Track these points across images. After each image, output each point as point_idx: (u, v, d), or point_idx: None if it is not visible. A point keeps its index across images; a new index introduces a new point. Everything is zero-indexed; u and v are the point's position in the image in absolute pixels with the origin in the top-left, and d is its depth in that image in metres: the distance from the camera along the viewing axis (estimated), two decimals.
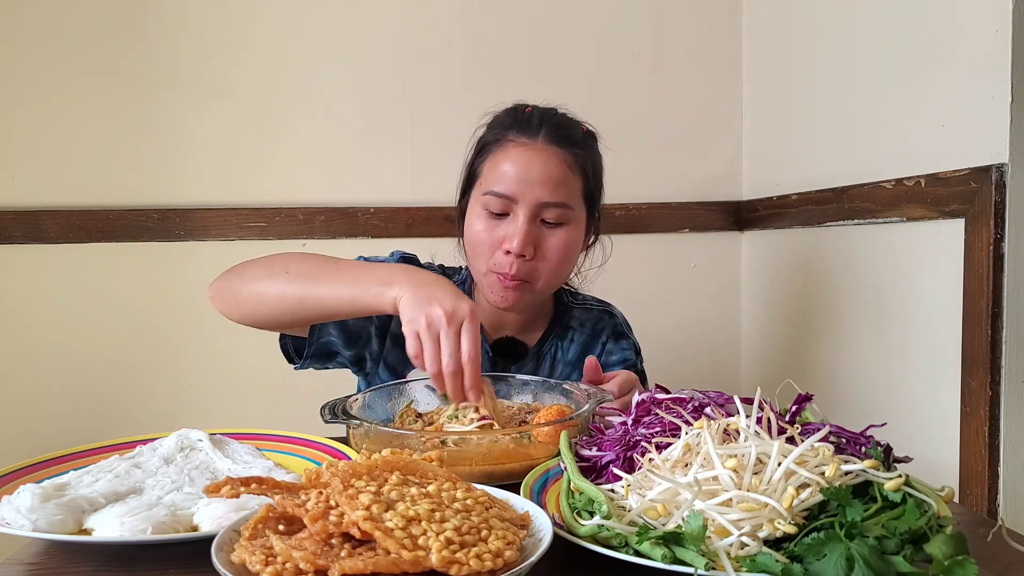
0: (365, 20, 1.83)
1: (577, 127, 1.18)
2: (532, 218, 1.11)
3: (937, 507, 0.61)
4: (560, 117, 1.18)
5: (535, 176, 1.10)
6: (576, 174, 1.14)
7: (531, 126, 1.14)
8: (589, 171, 1.17)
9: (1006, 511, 1.20)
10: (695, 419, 0.74)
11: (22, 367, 1.75)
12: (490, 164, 1.14)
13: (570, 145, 1.14)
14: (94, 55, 1.75)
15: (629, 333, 1.34)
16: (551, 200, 1.10)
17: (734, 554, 0.57)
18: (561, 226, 1.13)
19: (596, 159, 1.21)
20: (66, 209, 1.74)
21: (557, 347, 1.27)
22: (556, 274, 1.15)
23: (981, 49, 1.20)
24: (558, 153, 1.12)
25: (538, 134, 1.13)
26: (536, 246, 1.12)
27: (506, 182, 1.11)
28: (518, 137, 1.13)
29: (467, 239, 1.17)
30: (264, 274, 1.03)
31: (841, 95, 1.59)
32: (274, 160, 1.82)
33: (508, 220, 1.12)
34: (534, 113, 1.16)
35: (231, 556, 0.54)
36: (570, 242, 1.14)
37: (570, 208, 1.13)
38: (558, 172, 1.11)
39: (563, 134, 1.14)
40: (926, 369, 1.36)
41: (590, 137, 1.20)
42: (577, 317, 1.30)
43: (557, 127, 1.14)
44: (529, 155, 1.11)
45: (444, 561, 0.51)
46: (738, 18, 1.96)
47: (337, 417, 0.88)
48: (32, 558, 0.68)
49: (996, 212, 1.18)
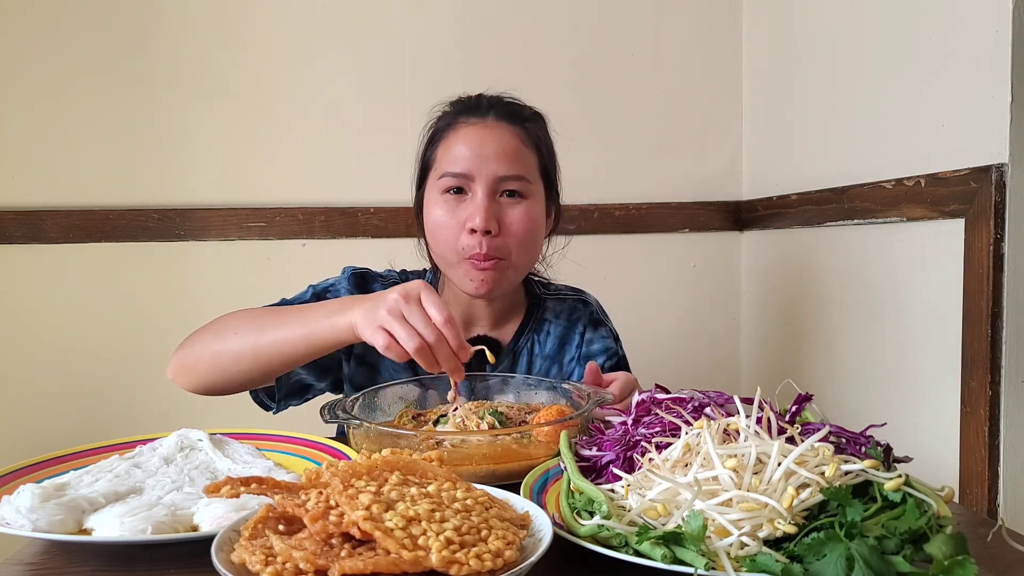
0: (365, 20, 1.84)
1: (526, 107, 1.20)
2: (491, 194, 1.10)
3: (937, 507, 0.61)
4: (508, 98, 1.20)
5: (489, 151, 1.10)
6: (530, 148, 1.15)
7: (480, 107, 1.16)
8: (543, 147, 1.18)
9: (1006, 511, 1.20)
10: (695, 419, 0.74)
11: (22, 367, 1.75)
12: (443, 148, 1.15)
13: (520, 121, 1.15)
14: (94, 55, 1.75)
15: (606, 319, 1.32)
16: (508, 173, 1.11)
17: (734, 554, 0.57)
18: (522, 199, 1.12)
19: (547, 138, 1.21)
20: (66, 209, 1.74)
21: (533, 341, 1.25)
22: (526, 249, 1.14)
23: (981, 49, 1.20)
24: (509, 128, 1.13)
25: (488, 113, 1.14)
26: (499, 221, 1.10)
27: (461, 160, 1.11)
28: (468, 119, 1.14)
29: (428, 229, 1.16)
30: (214, 340, 1.02)
31: (841, 95, 1.59)
32: (274, 160, 1.82)
33: (467, 200, 1.11)
34: (482, 97, 1.18)
35: (231, 556, 0.54)
36: (532, 215, 1.13)
37: (528, 181, 1.13)
38: (512, 145, 1.12)
39: (512, 111, 1.16)
40: (926, 369, 1.36)
41: (540, 117, 1.21)
42: (551, 308, 1.28)
43: (506, 106, 1.17)
44: (481, 132, 1.12)
45: (444, 561, 0.51)
46: (738, 18, 1.96)
47: (337, 417, 0.88)
48: (32, 558, 0.68)
49: (996, 212, 1.18)
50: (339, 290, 1.19)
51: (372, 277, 1.23)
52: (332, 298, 1.15)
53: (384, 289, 1.11)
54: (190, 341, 1.06)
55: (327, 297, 1.17)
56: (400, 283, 1.14)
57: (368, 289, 1.20)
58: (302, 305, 1.04)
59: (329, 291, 1.19)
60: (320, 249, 1.83)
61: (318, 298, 1.17)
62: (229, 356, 1.01)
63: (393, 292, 0.89)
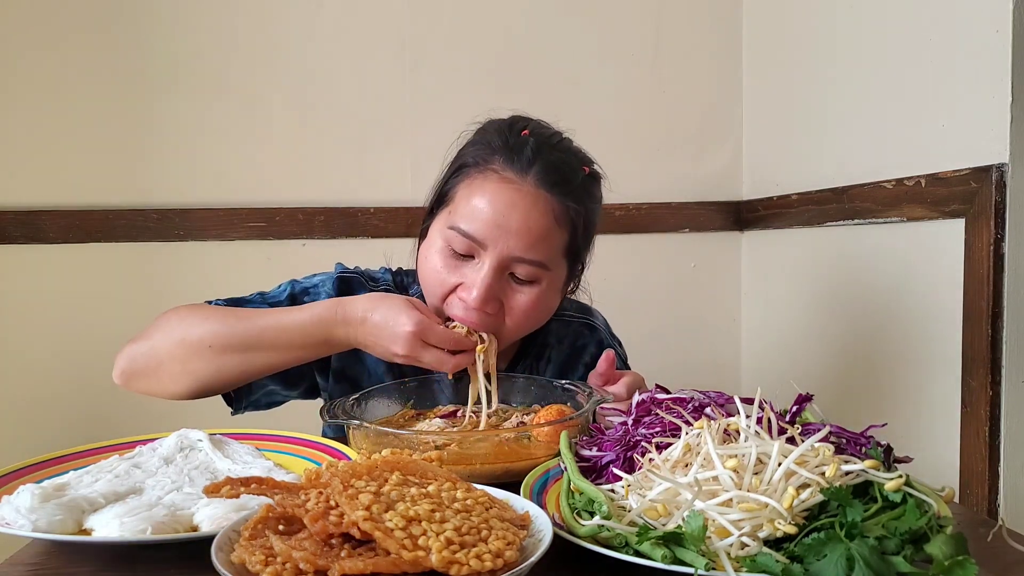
0: (365, 20, 1.83)
1: (578, 169, 1.01)
2: (499, 270, 0.96)
3: (937, 507, 0.61)
4: (559, 153, 1.00)
5: (513, 224, 0.94)
6: (563, 227, 0.98)
7: (522, 158, 0.96)
8: (579, 224, 1.00)
9: (1006, 511, 1.20)
10: (695, 419, 0.74)
11: (22, 367, 1.75)
12: (465, 191, 0.98)
13: (563, 193, 0.97)
14: (94, 55, 1.75)
15: (615, 344, 1.22)
16: (525, 256, 0.95)
17: (734, 554, 0.57)
18: (532, 285, 0.98)
19: (592, 209, 1.04)
20: (66, 209, 1.74)
21: (532, 369, 1.16)
22: (519, 333, 1.03)
23: (981, 49, 1.20)
24: (547, 200, 0.96)
25: (528, 171, 0.96)
26: (501, 301, 0.98)
27: (477, 222, 0.95)
28: (504, 169, 0.96)
29: (422, 263, 1.03)
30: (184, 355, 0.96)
31: (841, 95, 1.59)
32: (274, 160, 1.82)
33: (471, 265, 0.97)
34: (529, 141, 0.98)
35: (231, 556, 0.54)
36: (541, 302, 1.00)
37: (546, 268, 0.97)
38: (541, 224, 0.95)
39: (558, 178, 0.97)
40: (926, 369, 1.36)
41: (591, 181, 1.04)
42: (554, 332, 1.16)
43: (553, 167, 0.97)
44: (512, 196, 0.94)
45: (444, 561, 0.51)
46: (738, 18, 1.96)
47: (337, 417, 0.88)
48: (32, 558, 0.68)
49: (996, 212, 1.18)
50: (320, 294, 1.10)
51: (359, 285, 1.13)
52: (311, 299, 1.07)
53: None
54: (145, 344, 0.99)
55: (306, 299, 1.08)
56: (393, 287, 1.14)
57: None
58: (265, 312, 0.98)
59: (310, 293, 1.10)
60: (320, 249, 1.83)
61: (293, 299, 1.08)
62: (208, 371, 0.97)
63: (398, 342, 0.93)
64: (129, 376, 0.99)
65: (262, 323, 0.97)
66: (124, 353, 1.00)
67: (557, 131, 1.06)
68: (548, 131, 1.04)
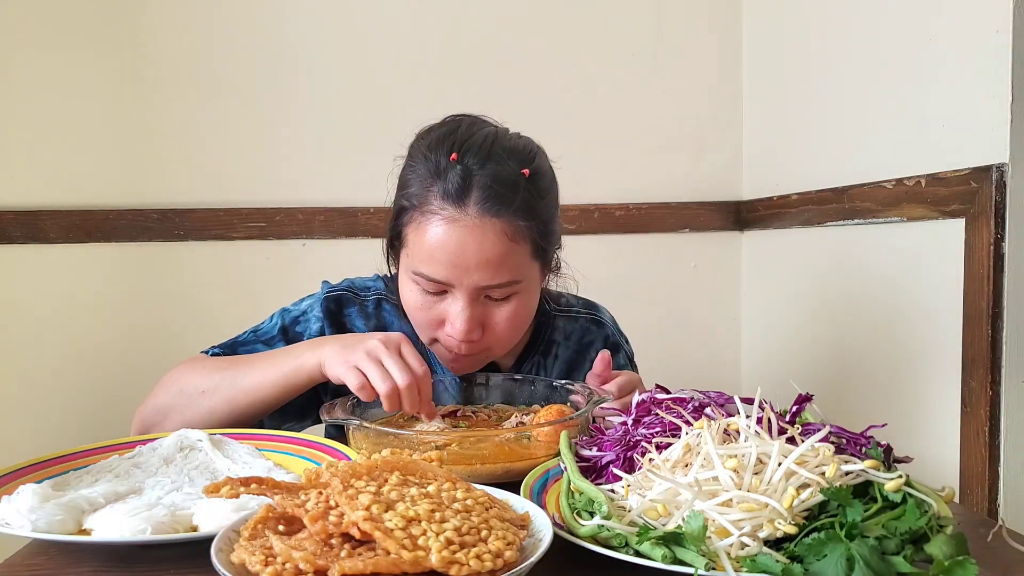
0: (365, 19, 1.83)
1: (517, 180, 0.96)
2: (474, 300, 0.97)
3: (937, 507, 0.61)
4: (493, 166, 0.95)
5: (471, 260, 0.94)
6: (520, 242, 0.96)
7: (457, 188, 0.93)
8: (536, 229, 0.98)
9: (1006, 511, 1.20)
10: (695, 419, 0.74)
11: (22, 367, 1.75)
12: (414, 234, 0.97)
13: (510, 213, 0.94)
14: (94, 55, 1.75)
15: (622, 341, 1.23)
16: (493, 282, 0.96)
17: (734, 554, 0.57)
18: (510, 299, 1.00)
19: (544, 205, 1.00)
20: (66, 209, 1.74)
21: (539, 365, 1.17)
22: (511, 341, 1.05)
23: (981, 49, 1.20)
24: (494, 226, 0.93)
25: (467, 202, 0.93)
26: (484, 324, 1.00)
27: (436, 265, 0.95)
28: (443, 207, 0.94)
29: (404, 304, 1.04)
30: (180, 401, 0.99)
31: (841, 95, 1.59)
32: (274, 160, 1.82)
33: (447, 299, 0.99)
34: (458, 168, 0.94)
35: (231, 556, 0.54)
36: (522, 311, 1.02)
37: (517, 282, 0.98)
38: (497, 251, 0.94)
39: (499, 199, 0.94)
40: (926, 369, 1.36)
41: (535, 180, 0.98)
42: (561, 328, 1.18)
43: (490, 190, 0.93)
44: (459, 235, 0.93)
45: (444, 561, 0.51)
46: (738, 18, 1.96)
47: (337, 417, 0.88)
48: (32, 558, 0.68)
49: (996, 212, 1.18)
50: (310, 319, 1.11)
51: (348, 301, 1.13)
52: (302, 330, 1.11)
53: (361, 318, 1.13)
54: (151, 402, 1.02)
55: (295, 330, 1.11)
56: (387, 296, 1.14)
57: (342, 315, 1.13)
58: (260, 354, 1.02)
59: (300, 321, 1.12)
60: (320, 249, 1.83)
61: (284, 331, 1.10)
62: (200, 415, 0.98)
63: (374, 338, 0.91)
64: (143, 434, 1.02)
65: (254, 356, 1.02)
66: (136, 416, 1.04)
67: (489, 131, 1.01)
68: (477, 140, 0.98)
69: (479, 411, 1.03)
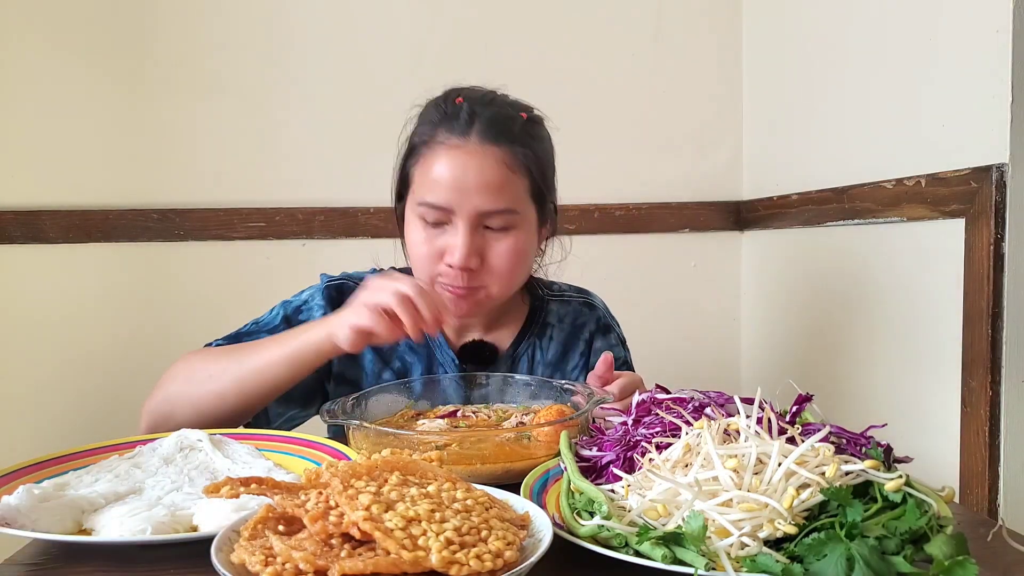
0: (365, 19, 1.83)
1: (516, 116, 1.06)
2: (474, 227, 1.02)
3: (937, 507, 0.61)
4: (495, 107, 1.05)
5: (471, 183, 1.00)
6: (519, 173, 1.03)
7: (461, 122, 1.02)
8: (533, 166, 1.05)
9: (1006, 511, 1.19)
10: (695, 419, 0.74)
11: (22, 367, 1.75)
12: (421, 169, 1.05)
13: (508, 141, 1.02)
14: (94, 55, 1.75)
15: (613, 324, 1.27)
16: (492, 208, 1.01)
17: (734, 554, 0.57)
18: (508, 231, 1.04)
19: (542, 149, 1.09)
20: (66, 209, 1.74)
21: (535, 347, 1.20)
22: (509, 280, 1.08)
23: (981, 49, 1.20)
24: (495, 153, 1.01)
25: (470, 132, 1.01)
26: (482, 255, 1.03)
27: (439, 191, 1.01)
28: (448, 138, 1.02)
29: (407, 248, 1.10)
30: (188, 387, 1.00)
31: (841, 95, 1.59)
32: (274, 160, 1.82)
33: (448, 230, 1.03)
34: (464, 106, 1.04)
35: (231, 556, 0.54)
36: (520, 247, 1.05)
37: (515, 212, 1.03)
38: (497, 176, 1.01)
39: (499, 129, 1.02)
40: (926, 369, 1.36)
41: (532, 124, 1.08)
42: (555, 311, 1.23)
43: (491, 122, 1.02)
44: (462, 159, 1.01)
45: (444, 561, 0.51)
46: (738, 18, 1.96)
47: (337, 417, 0.88)
48: (32, 558, 0.68)
49: (996, 212, 1.17)
50: (312, 307, 1.14)
51: (348, 289, 1.16)
52: (305, 318, 1.12)
53: None
54: (159, 394, 1.02)
55: (299, 319, 1.13)
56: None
57: (343, 301, 1.10)
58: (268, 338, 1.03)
59: (302, 309, 1.14)
60: (320, 249, 1.83)
61: (287, 320, 1.12)
62: (210, 399, 0.98)
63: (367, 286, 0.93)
64: (152, 429, 1.01)
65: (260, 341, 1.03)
66: (144, 411, 1.03)
67: (491, 90, 1.11)
68: (481, 91, 1.09)
69: (479, 411, 1.03)
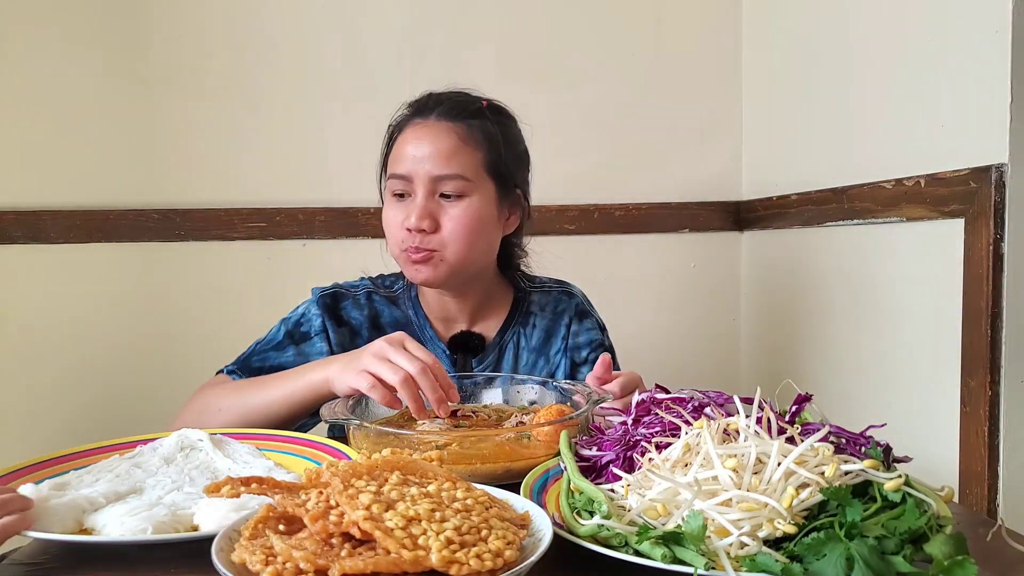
0: (366, 19, 1.83)
1: (475, 101, 1.19)
2: (429, 194, 1.12)
3: (937, 507, 0.61)
4: (459, 95, 1.19)
5: (425, 151, 1.12)
6: (471, 145, 1.14)
7: (427, 107, 1.16)
8: (490, 141, 1.16)
9: (1006, 511, 1.20)
10: (695, 419, 0.74)
11: (22, 367, 1.75)
12: (395, 149, 1.18)
13: (464, 118, 1.15)
14: (95, 55, 1.75)
15: (591, 310, 1.33)
16: (443, 172, 1.11)
17: (734, 554, 0.57)
18: (461, 198, 1.12)
19: (498, 131, 1.18)
20: (66, 209, 1.74)
21: (519, 335, 1.26)
22: (465, 246, 1.13)
23: (981, 49, 1.20)
24: (449, 127, 1.13)
25: (432, 112, 1.15)
26: (435, 219, 1.12)
27: (404, 162, 1.13)
28: (415, 119, 1.16)
29: (384, 219, 1.19)
30: (203, 421, 1.04)
31: (841, 95, 1.59)
32: (274, 160, 1.82)
33: (410, 200, 1.13)
34: (431, 95, 1.19)
35: (231, 556, 0.54)
36: (472, 214, 1.13)
37: (466, 179, 1.12)
38: (448, 144, 1.12)
39: (457, 109, 1.15)
40: (926, 369, 1.36)
41: (491, 110, 1.19)
42: (536, 301, 1.30)
43: (452, 104, 1.16)
44: (422, 133, 1.14)
45: (444, 561, 0.51)
46: (738, 18, 1.96)
47: (337, 417, 0.88)
48: (32, 558, 0.68)
49: (996, 212, 1.18)
50: (311, 318, 1.19)
51: (342, 296, 1.23)
52: (307, 330, 1.19)
53: (355, 309, 1.21)
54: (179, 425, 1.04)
55: (300, 331, 1.19)
56: (375, 289, 1.24)
57: (338, 308, 1.21)
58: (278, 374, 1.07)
59: (302, 323, 1.20)
60: (320, 249, 1.83)
61: (290, 335, 1.19)
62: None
63: (377, 341, 0.95)
64: None
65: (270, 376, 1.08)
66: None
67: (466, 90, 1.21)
68: (455, 91, 1.21)
69: (479, 411, 1.03)
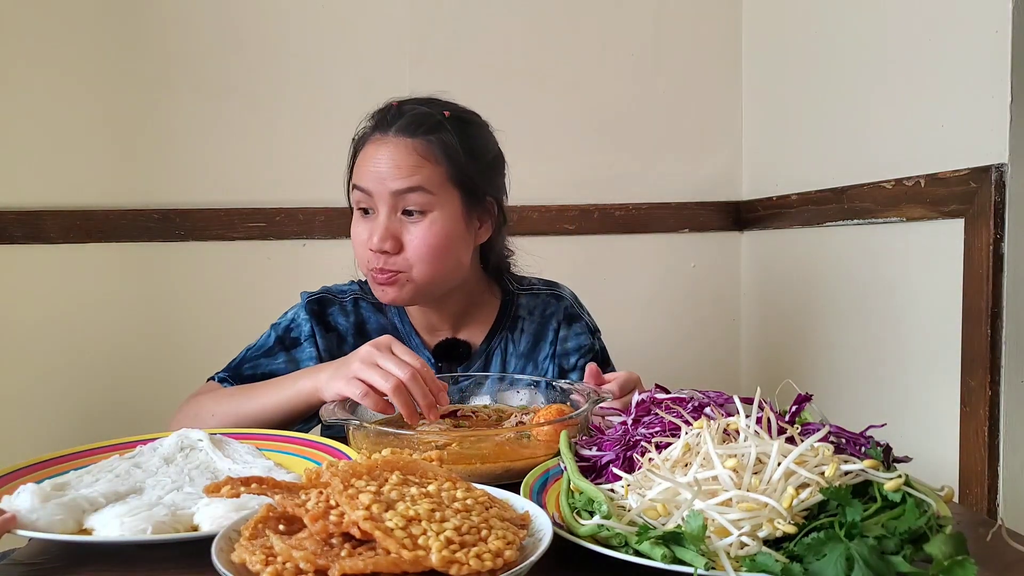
0: (366, 19, 1.83)
1: (435, 114, 1.13)
2: (391, 211, 1.09)
3: (937, 507, 0.61)
4: (421, 107, 1.14)
5: (384, 167, 1.09)
6: (432, 160, 1.10)
7: (387, 121, 1.13)
8: (451, 154, 1.11)
9: (1006, 511, 1.20)
10: (695, 419, 0.74)
11: (22, 367, 1.75)
12: (357, 163, 1.15)
13: (423, 133, 1.11)
14: (94, 55, 1.75)
15: (581, 313, 1.29)
16: (402, 187, 1.08)
17: (734, 554, 0.57)
18: (424, 215, 1.09)
19: (460, 142, 1.13)
20: (66, 209, 1.74)
21: (507, 340, 1.23)
22: (430, 266, 1.10)
23: (981, 49, 1.20)
24: (408, 143, 1.10)
25: (392, 127, 1.12)
26: (398, 239, 1.09)
27: (363, 176, 1.11)
28: (376, 133, 1.13)
29: (352, 234, 1.17)
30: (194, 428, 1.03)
31: (841, 95, 1.59)
32: (274, 160, 1.82)
33: (373, 217, 1.11)
34: (393, 108, 1.15)
35: (231, 556, 0.54)
36: (437, 232, 1.09)
37: (428, 193, 1.09)
38: (408, 160, 1.09)
39: (416, 124, 1.11)
40: (926, 369, 1.36)
41: (454, 121, 1.14)
42: (524, 305, 1.26)
43: (411, 118, 1.12)
44: (379, 149, 1.10)
45: (444, 561, 0.51)
46: (738, 18, 1.96)
47: (337, 417, 0.88)
48: (32, 558, 0.68)
49: (996, 212, 1.18)
50: (300, 323, 1.19)
51: (329, 301, 1.21)
52: (296, 335, 1.18)
53: (342, 315, 1.20)
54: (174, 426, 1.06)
55: (291, 337, 1.18)
56: (363, 295, 1.22)
57: (325, 313, 1.20)
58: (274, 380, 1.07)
59: (292, 328, 1.19)
60: (320, 249, 1.83)
61: (281, 341, 1.18)
62: None
63: (364, 347, 0.94)
64: None
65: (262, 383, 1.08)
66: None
67: (433, 97, 1.18)
68: (419, 98, 1.17)
69: (479, 411, 1.03)
